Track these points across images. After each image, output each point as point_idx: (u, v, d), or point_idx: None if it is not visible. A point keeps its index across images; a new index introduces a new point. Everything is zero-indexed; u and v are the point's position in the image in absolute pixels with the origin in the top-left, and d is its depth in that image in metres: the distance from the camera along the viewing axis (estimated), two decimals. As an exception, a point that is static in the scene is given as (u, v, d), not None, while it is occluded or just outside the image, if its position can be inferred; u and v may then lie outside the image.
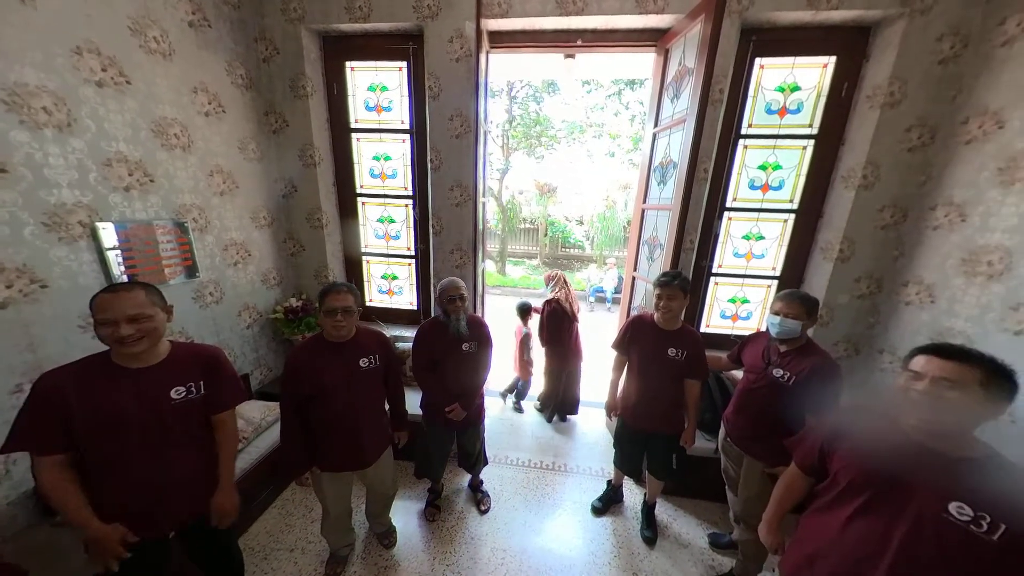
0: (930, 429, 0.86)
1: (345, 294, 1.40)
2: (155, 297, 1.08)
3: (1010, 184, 1.65)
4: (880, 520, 0.87)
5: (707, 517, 2.16)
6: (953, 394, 0.81)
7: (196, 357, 1.19)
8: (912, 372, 0.88)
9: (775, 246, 2.45)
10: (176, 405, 1.11)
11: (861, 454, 0.96)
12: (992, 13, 1.77)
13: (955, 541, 0.78)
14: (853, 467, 0.96)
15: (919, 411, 0.86)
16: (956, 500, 0.79)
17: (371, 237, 2.86)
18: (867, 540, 0.89)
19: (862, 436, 0.99)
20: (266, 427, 2.12)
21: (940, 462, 0.84)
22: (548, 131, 10.17)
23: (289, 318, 2.53)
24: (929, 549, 0.81)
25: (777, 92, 2.22)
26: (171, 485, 1.13)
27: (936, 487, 0.82)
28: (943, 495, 0.81)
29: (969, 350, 0.85)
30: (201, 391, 1.17)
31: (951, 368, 0.83)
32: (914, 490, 0.84)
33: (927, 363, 0.86)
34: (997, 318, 1.65)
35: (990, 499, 0.77)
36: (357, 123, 2.63)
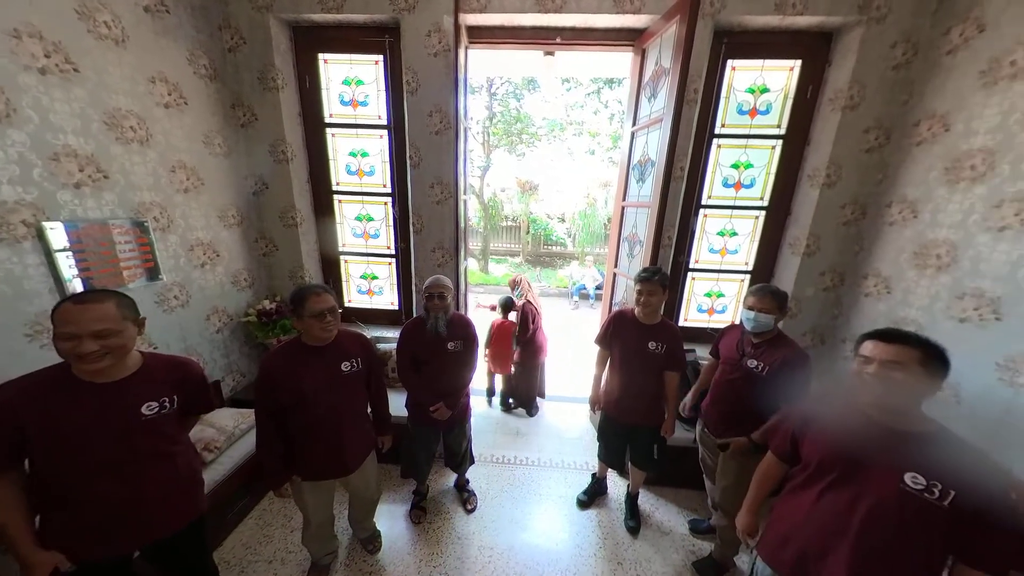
0: (883, 406, 0.94)
1: (327, 295, 1.35)
2: (127, 310, 1.01)
3: (955, 183, 1.79)
4: (846, 495, 0.95)
5: (687, 505, 2.25)
6: (898, 374, 0.89)
7: (169, 370, 1.13)
8: (863, 357, 0.96)
9: (747, 242, 2.56)
10: (147, 421, 1.05)
11: (827, 437, 1.03)
12: (938, 23, 1.90)
13: (912, 509, 0.86)
14: (820, 449, 1.03)
15: (872, 391, 0.94)
16: (910, 471, 0.87)
17: (349, 236, 2.78)
18: (835, 515, 0.96)
19: (827, 420, 1.07)
20: (240, 435, 2.03)
21: (895, 438, 0.92)
22: (529, 128, 10.18)
23: (263, 321, 2.43)
24: (889, 518, 0.88)
25: (748, 93, 2.31)
26: (142, 502, 1.07)
27: (893, 461, 0.89)
28: (899, 467, 0.88)
29: (908, 333, 0.93)
30: (174, 405, 1.12)
31: (895, 351, 0.91)
32: (874, 465, 0.92)
33: (875, 348, 0.94)
34: (944, 307, 1.79)
35: (940, 468, 0.85)
36: (332, 118, 2.55)
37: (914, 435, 0.91)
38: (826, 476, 0.99)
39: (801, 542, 1.01)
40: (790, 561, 1.04)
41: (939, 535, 0.85)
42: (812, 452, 1.04)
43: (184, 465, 1.18)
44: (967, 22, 1.78)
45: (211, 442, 1.84)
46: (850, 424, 0.98)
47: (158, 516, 1.12)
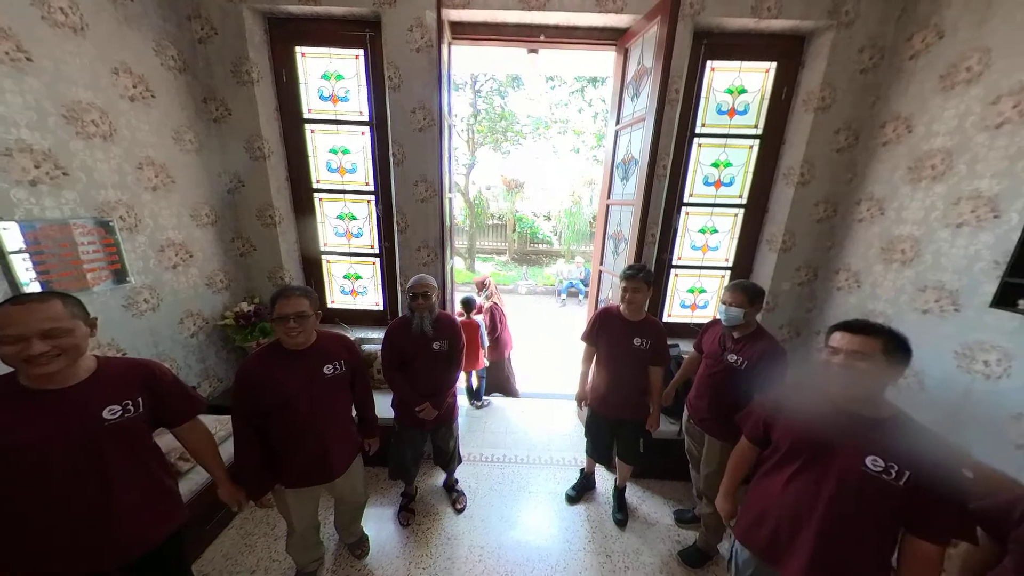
0: (849, 394, 0.99)
1: (298, 298, 1.29)
2: (75, 308, 0.95)
3: (917, 181, 1.89)
4: (812, 477, 1.01)
5: (673, 496, 2.31)
6: (863, 364, 0.94)
7: (130, 372, 1.08)
8: (831, 347, 1.01)
9: (727, 239, 2.64)
10: (111, 426, 0.99)
11: (796, 422, 1.09)
12: (902, 29, 2.00)
13: (872, 489, 0.92)
14: (790, 434, 1.09)
15: (839, 380, 0.99)
16: (871, 454, 0.93)
17: (331, 235, 2.72)
18: (802, 496, 1.03)
19: (797, 407, 1.13)
20: (218, 443, 1.95)
21: (858, 423, 0.97)
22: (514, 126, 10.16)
23: (241, 324, 2.35)
24: (852, 498, 0.95)
25: (727, 94, 2.38)
26: (115, 516, 1.01)
27: (856, 445, 0.95)
28: (861, 451, 0.94)
29: (872, 325, 0.98)
30: (140, 409, 1.06)
31: (859, 341, 0.96)
32: (839, 449, 0.98)
33: (842, 339, 0.99)
34: (908, 299, 1.90)
35: (897, 451, 0.92)
36: (311, 113, 2.47)
37: (875, 421, 0.96)
38: (795, 459, 1.06)
39: (773, 522, 1.08)
40: (763, 540, 1.10)
41: (893, 511, 0.92)
42: (783, 437, 1.10)
43: (160, 474, 1.13)
44: (928, 29, 1.88)
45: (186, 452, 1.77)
46: (818, 411, 1.04)
47: (132, 530, 1.06)
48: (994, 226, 1.57)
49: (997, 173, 1.58)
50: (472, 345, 3.04)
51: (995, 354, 1.54)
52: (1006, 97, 1.56)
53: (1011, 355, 1.50)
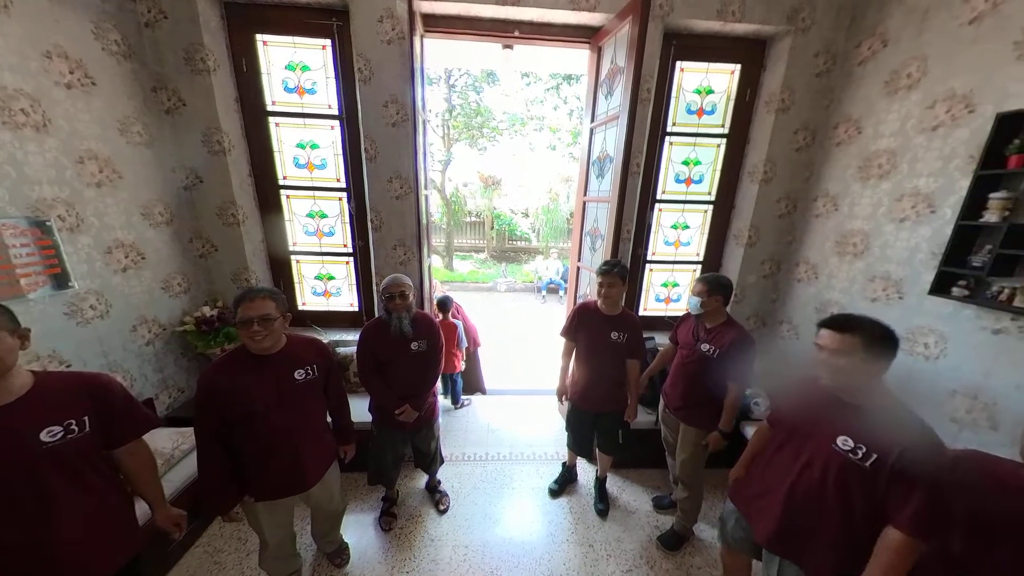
0: (836, 386, 1.08)
1: (263, 300, 1.22)
2: (1, 319, 0.87)
3: (866, 179, 2.04)
4: (791, 451, 1.15)
5: (651, 483, 2.39)
6: (842, 361, 1.00)
7: (74, 387, 0.99)
8: (817, 344, 1.08)
9: (698, 234, 2.75)
10: (51, 449, 0.91)
11: (790, 406, 1.22)
12: (852, 36, 2.15)
13: (838, 466, 1.02)
14: (786, 416, 1.23)
15: (823, 375, 1.08)
16: (843, 435, 1.02)
17: (300, 234, 2.60)
18: (780, 467, 1.17)
19: (792, 391, 1.25)
20: (180, 457, 1.84)
21: (839, 408, 1.06)
22: (490, 122, 10.10)
23: (203, 330, 2.21)
24: (819, 472, 1.05)
25: (695, 94, 2.47)
26: (58, 549, 0.93)
27: (831, 426, 1.05)
28: (834, 431, 1.04)
29: (852, 321, 1.02)
30: (87, 428, 0.97)
31: (839, 340, 1.02)
32: (815, 429, 1.09)
33: (826, 337, 1.05)
34: (860, 289, 2.05)
35: (867, 434, 0.99)
36: (275, 105, 2.35)
37: (854, 406, 1.04)
38: (784, 435, 1.20)
39: (757, 485, 1.26)
40: (746, 498, 1.30)
41: (858, 491, 0.99)
42: (778, 420, 1.26)
43: (113, 499, 1.05)
44: (874, 37, 2.02)
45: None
46: (808, 396, 1.16)
47: (79, 563, 0.97)
48: (931, 220, 1.72)
49: (933, 172, 1.73)
50: (449, 346, 3.02)
51: (933, 337, 1.70)
52: (940, 102, 1.71)
53: (946, 337, 1.65)
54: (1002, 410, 1.47)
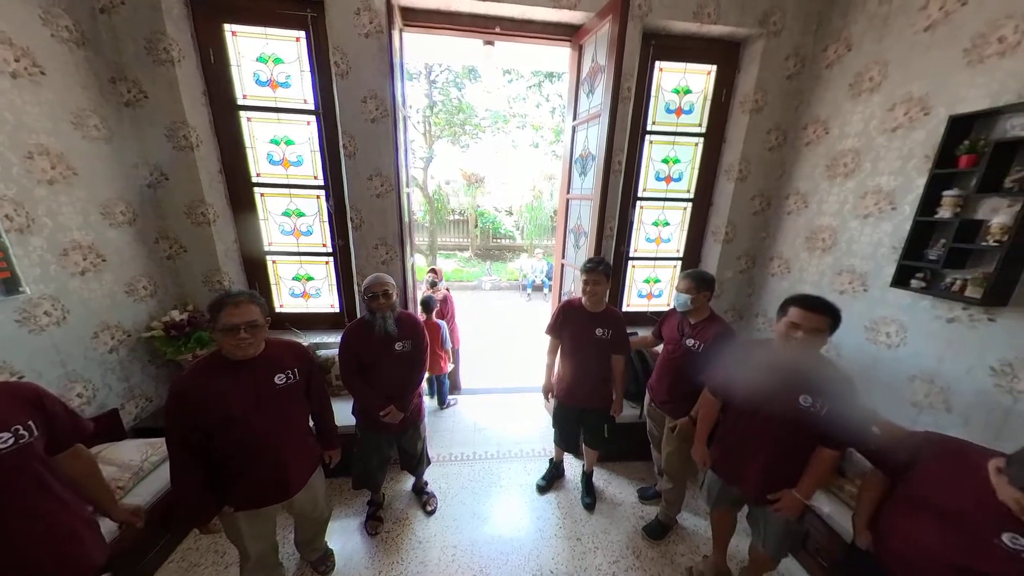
0: (803, 358, 1.27)
1: (247, 304, 1.17)
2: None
3: (833, 178, 2.15)
4: (758, 420, 1.37)
5: (636, 476, 2.45)
6: (817, 338, 1.23)
7: (10, 397, 0.94)
8: (792, 322, 1.24)
9: (678, 231, 2.82)
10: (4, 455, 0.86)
11: (751, 382, 1.37)
12: (819, 40, 2.25)
13: (803, 418, 1.26)
14: (746, 387, 1.38)
15: (796, 350, 1.25)
16: (803, 394, 1.26)
17: (276, 233, 2.52)
18: (755, 428, 1.39)
19: (748, 368, 1.41)
20: (150, 469, 1.75)
21: (797, 373, 1.27)
22: (472, 119, 10.02)
23: (172, 335, 2.11)
24: (790, 427, 1.30)
25: (674, 94, 2.52)
26: (15, 567, 0.88)
27: (794, 388, 1.27)
28: (797, 392, 1.27)
29: (825, 304, 1.23)
30: (35, 433, 0.93)
31: (818, 319, 1.21)
32: (781, 392, 1.28)
33: (803, 316, 1.23)
34: (829, 282, 2.16)
35: (820, 391, 1.24)
36: (246, 99, 2.26)
37: (807, 371, 1.27)
38: (746, 406, 1.40)
39: (736, 451, 1.47)
40: (726, 466, 1.52)
41: (815, 432, 1.28)
42: (740, 394, 1.43)
43: (65, 514, 0.99)
44: (839, 41, 2.13)
45: (114, 481, 1.57)
46: (770, 367, 1.34)
47: (45, 570, 0.93)
48: (892, 217, 1.83)
49: (893, 171, 1.83)
50: (433, 346, 2.99)
51: (894, 326, 1.81)
52: (899, 104, 1.81)
53: (906, 326, 1.76)
54: (955, 393, 1.59)
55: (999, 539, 0.91)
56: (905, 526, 1.08)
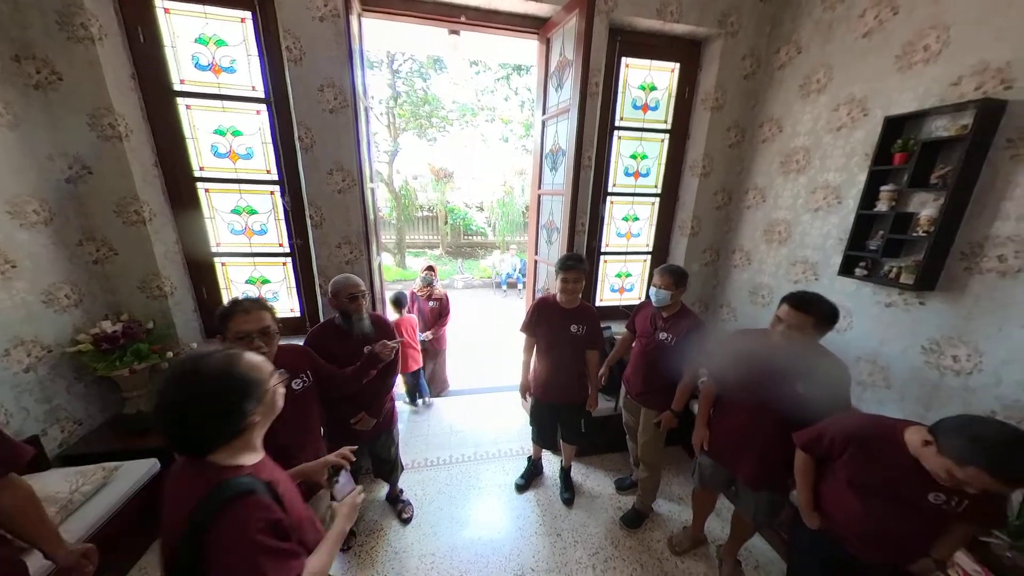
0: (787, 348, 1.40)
1: (259, 312, 1.16)
2: None
3: (787, 174, 2.32)
4: (749, 407, 1.50)
5: (612, 467, 2.53)
6: (797, 333, 1.34)
7: None
8: (776, 316, 1.39)
9: (647, 226, 2.93)
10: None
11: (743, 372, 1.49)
12: (772, 42, 2.41)
13: (790, 398, 1.35)
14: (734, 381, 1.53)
15: (780, 340, 1.40)
16: (800, 380, 1.35)
17: (224, 233, 2.35)
18: (748, 416, 1.52)
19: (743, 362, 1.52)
20: (81, 501, 1.59)
21: (793, 359, 1.38)
22: (438, 112, 9.84)
23: (104, 348, 1.91)
24: (784, 413, 1.37)
25: (640, 90, 2.61)
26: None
27: (788, 375, 1.37)
28: (792, 377, 1.36)
29: (808, 301, 1.34)
30: None
31: (796, 317, 1.34)
32: (774, 380, 1.38)
33: (786, 312, 1.36)
34: (784, 272, 2.33)
35: (806, 377, 1.35)
36: (184, 85, 2.08)
37: (802, 358, 1.38)
38: (741, 395, 1.54)
39: (732, 437, 1.59)
40: (721, 450, 1.65)
41: (799, 411, 1.34)
42: (733, 383, 1.56)
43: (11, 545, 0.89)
44: (790, 44, 2.29)
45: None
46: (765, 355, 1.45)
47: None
48: (838, 210, 2.00)
49: (838, 168, 2.01)
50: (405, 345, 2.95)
51: (842, 312, 1.98)
52: (843, 105, 1.98)
53: (852, 312, 1.94)
54: (893, 371, 1.77)
55: (926, 500, 1.05)
56: (848, 506, 1.19)
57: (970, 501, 1.02)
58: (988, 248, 1.45)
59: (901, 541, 1.14)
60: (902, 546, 1.15)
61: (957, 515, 1.05)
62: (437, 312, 3.42)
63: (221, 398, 0.74)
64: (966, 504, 1.02)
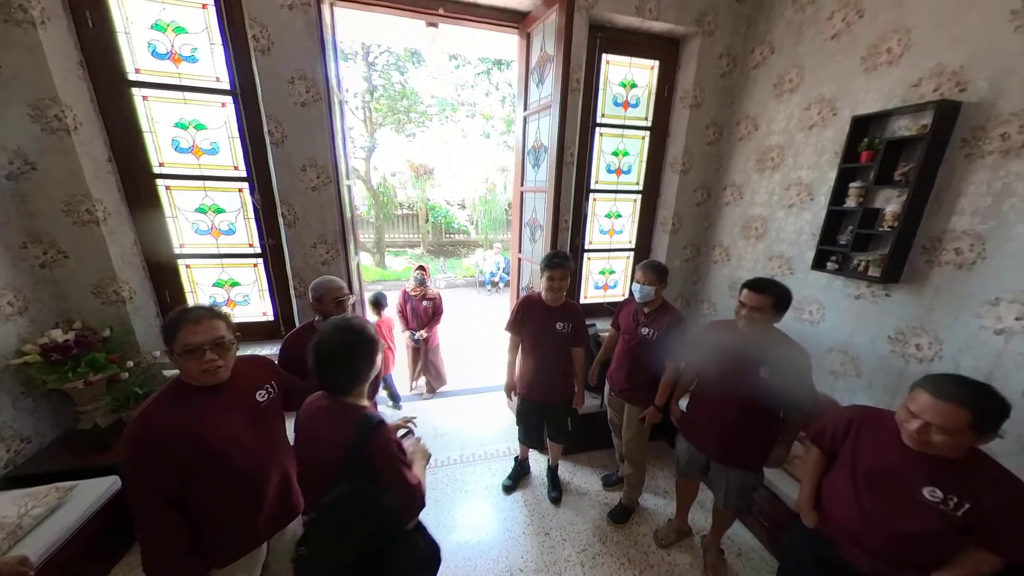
0: (757, 336, 1.51)
1: (209, 320, 1.04)
2: None
3: (763, 171, 2.41)
4: (728, 386, 1.56)
5: (599, 464, 2.58)
6: (760, 315, 1.45)
7: None
8: (739, 301, 1.49)
9: (630, 222, 2.98)
10: None
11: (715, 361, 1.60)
12: (748, 42, 2.49)
13: (762, 386, 1.44)
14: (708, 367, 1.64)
15: (748, 326, 1.49)
16: (762, 366, 1.46)
17: (189, 233, 2.24)
18: (722, 399, 1.60)
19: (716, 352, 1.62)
20: (31, 526, 1.48)
21: (757, 347, 1.49)
22: (417, 106, 9.69)
23: (53, 359, 1.79)
24: (750, 397, 1.47)
25: (621, 87, 2.65)
26: None
27: (753, 361, 1.47)
28: (757, 364, 1.46)
29: (767, 284, 1.46)
30: None
31: (757, 299, 1.44)
32: (745, 366, 1.49)
33: (746, 295, 1.47)
34: (762, 267, 2.42)
35: (774, 363, 1.45)
36: (139, 74, 1.96)
37: (764, 345, 1.49)
38: (712, 380, 1.65)
39: (700, 421, 1.70)
40: (695, 434, 1.74)
41: (768, 398, 1.46)
42: (708, 366, 1.66)
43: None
44: (764, 44, 2.37)
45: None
46: (731, 343, 1.55)
47: None
48: (811, 207, 2.10)
49: (810, 165, 2.10)
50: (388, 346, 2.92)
51: (815, 305, 2.09)
52: (813, 105, 2.07)
53: (824, 304, 2.04)
54: (863, 360, 1.88)
55: (920, 494, 0.99)
56: (843, 498, 1.16)
57: (972, 507, 0.93)
58: (946, 242, 1.56)
59: (893, 545, 1.05)
60: (895, 552, 1.05)
61: (962, 527, 0.95)
62: (431, 311, 3.40)
63: (369, 349, 1.06)
64: (967, 508, 0.94)
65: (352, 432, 1.00)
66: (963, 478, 0.97)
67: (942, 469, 0.98)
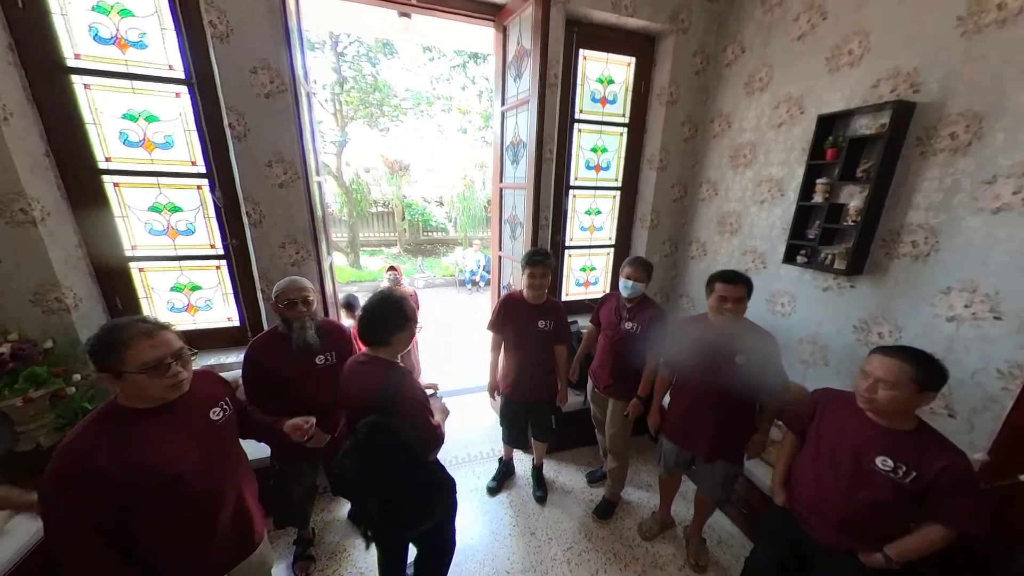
0: (731, 327, 1.58)
1: (163, 333, 0.97)
2: None
3: (736, 167, 2.51)
4: (708, 380, 1.62)
5: (583, 461, 2.62)
6: (738, 306, 1.54)
7: None
8: (720, 296, 1.55)
9: (609, 219, 3.04)
10: None
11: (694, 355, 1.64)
12: (720, 41, 2.58)
13: (738, 374, 1.50)
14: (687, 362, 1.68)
15: (724, 320, 1.57)
16: (737, 353, 1.53)
17: (142, 234, 2.10)
18: (701, 394, 1.68)
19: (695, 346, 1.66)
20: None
21: (729, 338, 1.56)
22: (390, 100, 9.48)
23: (-14, 375, 1.64)
24: (729, 381, 1.52)
25: (598, 83, 2.68)
26: None
27: (729, 351, 1.55)
28: (732, 353, 1.54)
29: (737, 274, 1.56)
30: None
31: (739, 290, 1.53)
32: (721, 357, 1.55)
33: (727, 289, 1.54)
34: (737, 262, 2.53)
35: (747, 351, 1.54)
36: (79, 60, 1.82)
37: (737, 334, 1.57)
38: (692, 375, 1.71)
39: (688, 419, 1.74)
40: (678, 432, 1.79)
41: (741, 384, 1.52)
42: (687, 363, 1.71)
43: None
44: (735, 44, 2.46)
45: None
46: (709, 337, 1.62)
47: None
48: (781, 202, 2.20)
49: (780, 162, 2.20)
50: None
51: (787, 297, 2.20)
52: (782, 103, 2.17)
53: (795, 296, 2.15)
54: (831, 350, 1.99)
55: (875, 464, 1.09)
56: (806, 472, 1.29)
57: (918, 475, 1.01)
58: (904, 235, 1.67)
59: (849, 514, 1.14)
60: (851, 522, 1.14)
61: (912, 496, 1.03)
62: None
63: (404, 311, 1.31)
64: (914, 476, 1.02)
65: (384, 376, 1.24)
66: (912, 448, 1.08)
67: (894, 440, 1.10)
